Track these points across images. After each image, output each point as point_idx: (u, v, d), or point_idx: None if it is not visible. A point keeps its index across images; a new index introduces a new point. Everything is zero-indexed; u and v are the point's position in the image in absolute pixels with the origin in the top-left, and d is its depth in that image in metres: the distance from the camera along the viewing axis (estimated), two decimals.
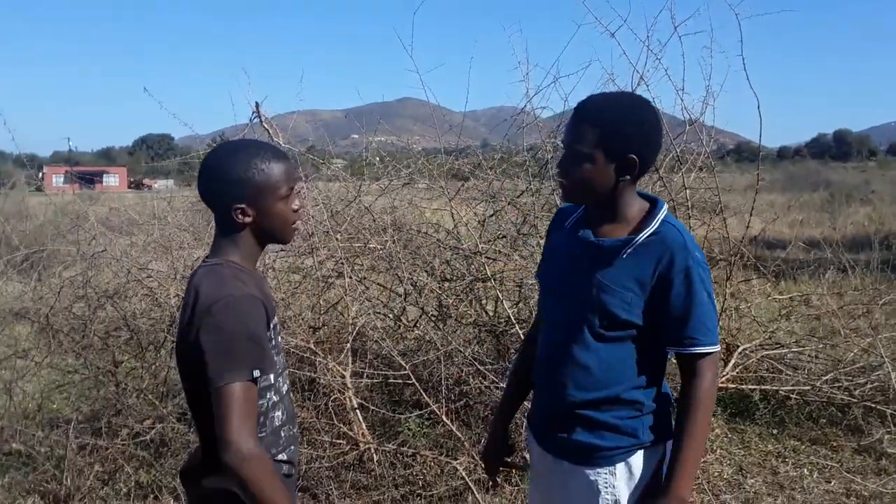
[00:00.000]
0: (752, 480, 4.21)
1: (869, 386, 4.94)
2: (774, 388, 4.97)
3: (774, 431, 4.87)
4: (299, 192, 1.84)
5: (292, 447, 1.85)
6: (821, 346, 5.39)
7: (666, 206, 1.88)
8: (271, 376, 1.75)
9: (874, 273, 7.92)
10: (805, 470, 4.33)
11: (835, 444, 4.68)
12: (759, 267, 5.63)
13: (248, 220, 1.73)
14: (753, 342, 5.11)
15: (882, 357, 4.78)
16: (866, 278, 7.38)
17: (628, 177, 1.82)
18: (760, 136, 4.43)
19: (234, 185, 1.69)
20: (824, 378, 4.95)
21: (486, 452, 2.30)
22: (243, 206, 1.71)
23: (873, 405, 4.80)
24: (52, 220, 11.36)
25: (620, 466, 1.87)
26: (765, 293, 6.14)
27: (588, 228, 1.90)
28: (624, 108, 1.83)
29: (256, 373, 1.63)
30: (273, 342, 1.74)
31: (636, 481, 1.88)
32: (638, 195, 1.91)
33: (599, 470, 1.88)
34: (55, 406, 5.10)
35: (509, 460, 2.31)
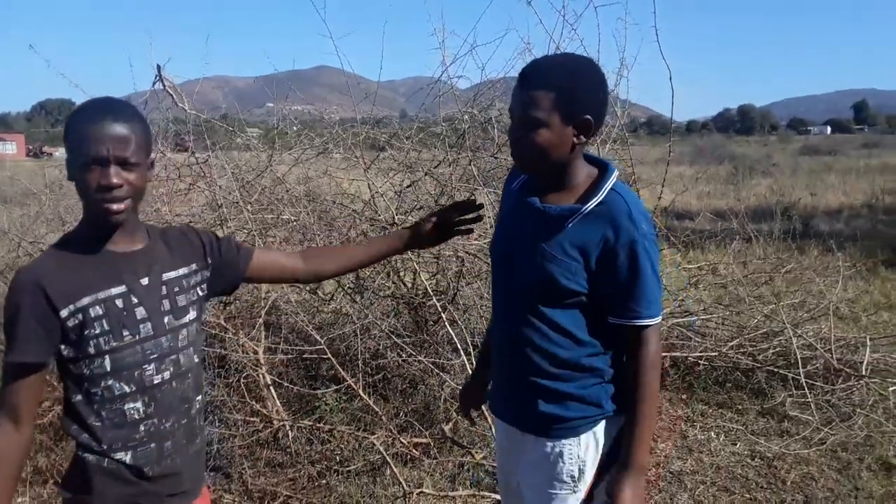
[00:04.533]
0: (662, 444, 4.33)
1: (771, 351, 5.15)
2: (684, 354, 5.12)
3: (684, 396, 5.03)
4: (117, 168, 1.50)
5: (152, 445, 1.62)
6: (727, 313, 5.59)
7: (616, 173, 1.83)
8: (107, 362, 1.56)
9: (776, 242, 8.29)
10: (712, 433, 4.49)
11: (740, 407, 4.87)
12: (669, 237, 5.78)
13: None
14: (665, 310, 5.23)
15: (784, 323, 4.97)
16: (769, 248, 7.70)
17: (583, 138, 1.76)
18: (672, 106, 4.49)
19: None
20: (730, 344, 5.13)
21: (464, 392, 2.32)
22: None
23: (776, 369, 5.01)
24: None
25: (584, 437, 1.86)
26: (675, 263, 6.32)
27: (534, 194, 1.85)
28: (575, 70, 1.78)
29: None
30: (88, 328, 1.54)
31: (600, 451, 1.87)
32: (586, 160, 1.87)
33: (564, 441, 1.86)
34: None
35: (475, 414, 2.33)
